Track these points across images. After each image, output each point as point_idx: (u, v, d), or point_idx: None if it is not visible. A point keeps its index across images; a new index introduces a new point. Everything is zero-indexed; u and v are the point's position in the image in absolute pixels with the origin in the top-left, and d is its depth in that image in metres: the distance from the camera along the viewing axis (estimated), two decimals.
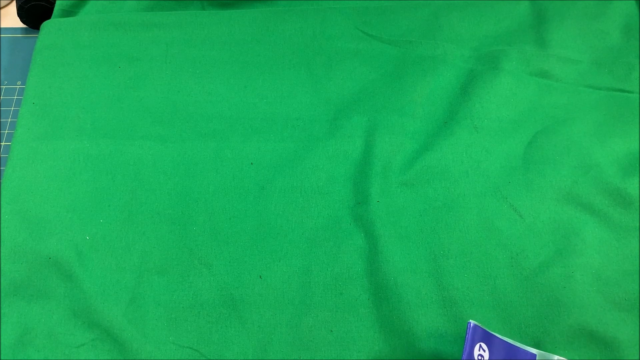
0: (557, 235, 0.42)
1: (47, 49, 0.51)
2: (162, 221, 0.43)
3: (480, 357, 0.34)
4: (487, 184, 0.44)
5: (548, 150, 0.45)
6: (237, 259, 0.42)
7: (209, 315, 0.40)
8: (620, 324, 0.39)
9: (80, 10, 0.55)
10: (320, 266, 0.42)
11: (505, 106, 0.47)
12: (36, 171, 0.45)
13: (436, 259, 0.42)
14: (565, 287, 0.40)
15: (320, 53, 0.51)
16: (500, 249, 0.42)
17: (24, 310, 0.40)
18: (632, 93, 0.48)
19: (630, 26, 0.51)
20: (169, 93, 0.49)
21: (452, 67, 0.50)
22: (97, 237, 0.43)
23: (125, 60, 0.50)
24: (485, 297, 0.40)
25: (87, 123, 0.47)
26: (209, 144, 0.47)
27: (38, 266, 0.42)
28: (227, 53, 0.51)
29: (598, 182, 0.44)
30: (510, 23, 0.52)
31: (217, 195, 0.44)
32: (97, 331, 0.40)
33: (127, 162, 0.46)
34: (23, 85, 0.54)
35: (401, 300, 0.40)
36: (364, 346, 0.39)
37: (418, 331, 0.39)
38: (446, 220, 0.43)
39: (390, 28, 0.52)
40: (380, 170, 0.45)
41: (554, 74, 0.49)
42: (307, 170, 0.45)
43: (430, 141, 0.46)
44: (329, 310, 0.39)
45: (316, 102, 0.49)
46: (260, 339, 0.39)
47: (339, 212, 0.44)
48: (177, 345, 0.39)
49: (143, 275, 0.42)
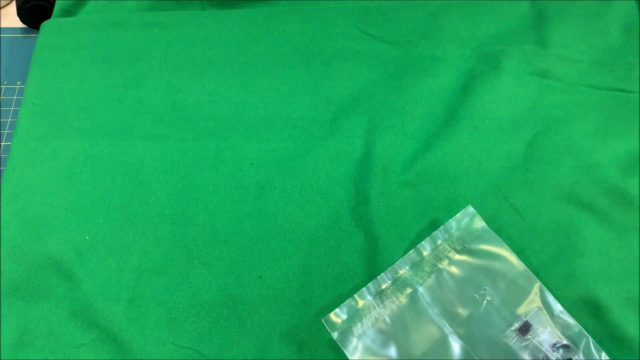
0: (557, 234, 0.42)
1: (47, 49, 0.51)
2: (162, 221, 0.43)
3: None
4: (488, 184, 0.44)
5: (548, 150, 0.45)
6: (237, 259, 0.42)
7: (209, 315, 0.40)
8: (621, 324, 0.39)
9: (80, 10, 0.55)
10: (320, 266, 0.42)
11: (505, 106, 0.47)
12: (36, 171, 0.45)
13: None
14: (567, 287, 0.40)
15: (320, 53, 0.51)
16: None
17: (24, 311, 0.40)
18: (633, 93, 0.48)
19: (630, 26, 0.51)
20: (168, 93, 0.49)
21: (452, 67, 0.50)
22: (97, 237, 0.43)
23: (125, 60, 0.50)
24: None
25: (87, 123, 0.47)
26: (208, 144, 0.47)
27: (38, 266, 0.41)
28: (227, 53, 0.51)
29: (598, 181, 0.44)
30: (510, 23, 0.52)
31: (217, 195, 0.44)
32: (97, 331, 0.40)
33: (127, 162, 0.46)
34: (23, 85, 0.54)
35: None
36: None
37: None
38: (446, 220, 0.43)
39: (390, 28, 0.52)
40: (380, 170, 0.45)
41: (554, 73, 0.49)
42: (307, 170, 0.45)
43: (430, 141, 0.46)
44: (329, 311, 0.39)
45: (316, 102, 0.49)
46: (260, 339, 0.39)
47: (339, 212, 0.44)
48: (177, 346, 0.39)
49: (143, 276, 0.41)
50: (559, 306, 0.38)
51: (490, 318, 0.38)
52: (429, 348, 0.37)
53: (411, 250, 0.41)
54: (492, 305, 0.38)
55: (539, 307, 0.38)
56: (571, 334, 0.37)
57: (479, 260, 0.40)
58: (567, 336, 0.37)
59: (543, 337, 0.37)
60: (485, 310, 0.38)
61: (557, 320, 0.38)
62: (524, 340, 0.37)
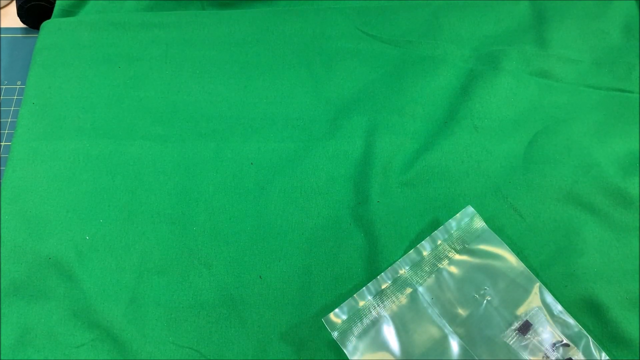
0: (557, 234, 0.42)
1: (47, 49, 0.51)
2: (162, 221, 0.43)
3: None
4: (488, 184, 0.44)
5: (548, 150, 0.45)
6: (237, 259, 0.42)
7: (209, 315, 0.40)
8: (621, 323, 0.39)
9: (80, 10, 0.55)
10: (320, 266, 0.42)
11: (505, 106, 0.47)
12: (36, 171, 0.45)
13: None
14: (567, 287, 0.40)
15: (320, 53, 0.51)
16: None
17: (24, 310, 0.40)
18: (632, 93, 0.48)
19: (630, 26, 0.51)
20: (169, 93, 0.49)
21: (452, 67, 0.50)
22: (97, 237, 0.43)
23: (125, 60, 0.50)
24: None
25: (87, 123, 0.47)
26: (209, 144, 0.47)
27: (38, 266, 0.42)
28: (227, 53, 0.51)
29: (598, 181, 0.44)
30: (510, 23, 0.52)
31: (217, 195, 0.44)
32: (97, 331, 0.40)
33: (127, 162, 0.46)
34: (23, 85, 0.54)
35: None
36: None
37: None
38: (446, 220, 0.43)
39: (390, 28, 0.52)
40: (380, 170, 0.45)
41: (554, 73, 0.49)
42: (307, 170, 0.45)
43: (430, 141, 0.46)
44: (329, 311, 0.39)
45: (316, 102, 0.49)
46: (260, 339, 0.39)
47: (339, 212, 0.44)
48: (177, 346, 0.39)
49: (143, 275, 0.41)
50: (559, 306, 0.38)
51: (490, 318, 0.38)
52: (429, 348, 0.37)
53: (411, 250, 0.41)
54: (492, 305, 0.38)
55: (539, 307, 0.38)
56: (571, 334, 0.37)
57: (479, 260, 0.40)
58: (567, 336, 0.37)
59: (543, 337, 0.37)
60: (485, 310, 0.38)
61: (556, 320, 0.38)
62: (524, 339, 0.37)
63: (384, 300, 0.39)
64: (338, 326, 0.38)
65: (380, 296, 0.39)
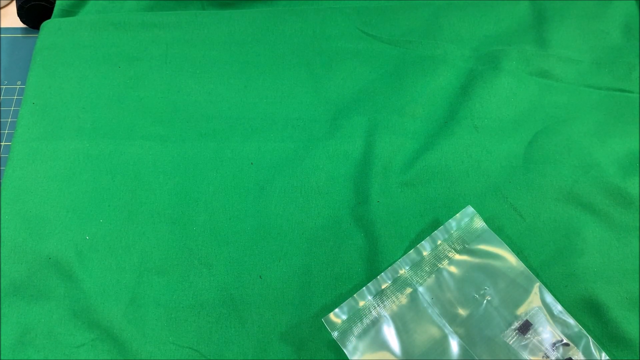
0: (557, 234, 0.42)
1: (47, 49, 0.51)
2: (162, 221, 0.43)
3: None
4: (488, 184, 0.44)
5: (548, 150, 0.45)
6: (237, 259, 0.42)
7: (209, 315, 0.40)
8: (621, 323, 0.39)
9: (80, 10, 0.55)
10: (320, 266, 0.42)
11: (505, 106, 0.47)
12: (36, 171, 0.45)
13: None
14: (567, 287, 0.40)
15: (320, 53, 0.51)
16: None
17: (24, 310, 0.40)
18: (632, 93, 0.48)
19: (630, 26, 0.51)
20: (169, 93, 0.49)
21: (452, 67, 0.50)
22: (97, 237, 0.43)
23: (125, 60, 0.50)
24: None
25: (87, 123, 0.47)
26: (209, 144, 0.47)
27: (38, 266, 0.41)
28: (227, 53, 0.51)
29: (598, 181, 0.44)
30: (510, 23, 0.52)
31: (217, 195, 0.44)
32: (97, 331, 0.40)
33: (127, 162, 0.46)
34: (23, 85, 0.54)
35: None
36: None
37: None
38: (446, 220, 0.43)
39: (390, 28, 0.52)
40: (380, 170, 0.45)
41: (554, 73, 0.49)
42: (307, 170, 0.45)
43: (430, 141, 0.46)
44: (329, 311, 0.39)
45: (316, 102, 0.49)
46: (260, 339, 0.39)
47: (339, 212, 0.44)
48: (177, 346, 0.39)
49: (143, 275, 0.41)
50: (559, 306, 0.38)
51: (490, 318, 0.38)
52: (429, 348, 0.37)
53: (411, 250, 0.41)
54: (492, 305, 0.38)
55: (539, 307, 0.38)
56: (571, 334, 0.37)
57: (479, 260, 0.40)
58: (567, 336, 0.37)
59: (543, 337, 0.37)
60: (485, 310, 0.38)
61: (556, 320, 0.38)
62: (524, 339, 0.37)
63: (384, 300, 0.39)
64: (338, 326, 0.38)
65: (380, 296, 0.39)
